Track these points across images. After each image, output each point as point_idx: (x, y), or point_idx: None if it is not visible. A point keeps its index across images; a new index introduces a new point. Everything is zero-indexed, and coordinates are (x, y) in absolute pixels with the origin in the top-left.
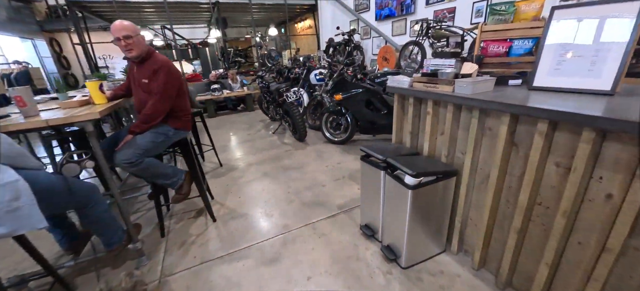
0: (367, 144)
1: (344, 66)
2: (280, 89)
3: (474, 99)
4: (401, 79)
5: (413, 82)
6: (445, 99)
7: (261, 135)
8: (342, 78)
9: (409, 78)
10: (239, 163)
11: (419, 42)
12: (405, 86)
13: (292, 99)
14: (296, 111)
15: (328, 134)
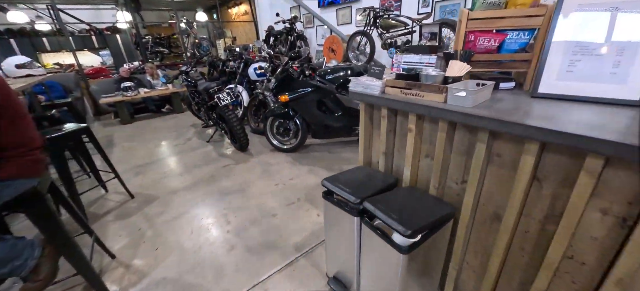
0: (327, 163)
1: (289, 60)
2: (209, 88)
3: (480, 117)
4: (368, 82)
5: (386, 87)
6: (435, 114)
7: (192, 145)
8: (288, 75)
9: (379, 82)
10: (159, 191)
11: (366, 32)
12: (374, 93)
13: (227, 101)
14: (233, 116)
15: (275, 141)
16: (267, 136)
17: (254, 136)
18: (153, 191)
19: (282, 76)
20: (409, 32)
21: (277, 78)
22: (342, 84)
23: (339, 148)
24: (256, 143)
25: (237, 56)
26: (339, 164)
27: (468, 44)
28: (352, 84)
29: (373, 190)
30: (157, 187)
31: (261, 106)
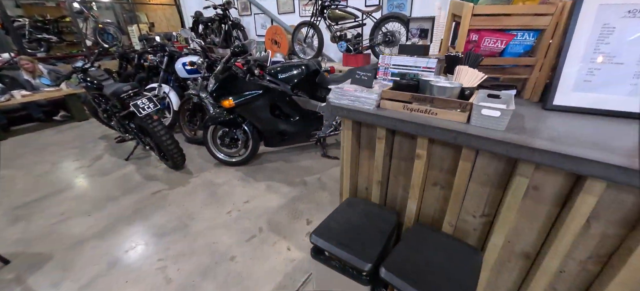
0: (286, 175)
1: (232, 56)
2: (121, 92)
3: (530, 148)
4: (358, 94)
5: (383, 100)
6: (460, 140)
7: (104, 167)
8: (231, 74)
9: (374, 95)
10: (54, 245)
11: (313, 23)
12: (368, 108)
13: (148, 109)
14: (159, 128)
15: (220, 154)
16: (209, 148)
17: (190, 147)
18: (43, 246)
19: (223, 76)
20: (358, 25)
21: (218, 79)
22: (297, 85)
23: (295, 155)
24: (194, 157)
25: (158, 48)
26: (300, 175)
27: (468, 45)
28: (334, 96)
29: (379, 240)
30: (50, 239)
31: (197, 110)
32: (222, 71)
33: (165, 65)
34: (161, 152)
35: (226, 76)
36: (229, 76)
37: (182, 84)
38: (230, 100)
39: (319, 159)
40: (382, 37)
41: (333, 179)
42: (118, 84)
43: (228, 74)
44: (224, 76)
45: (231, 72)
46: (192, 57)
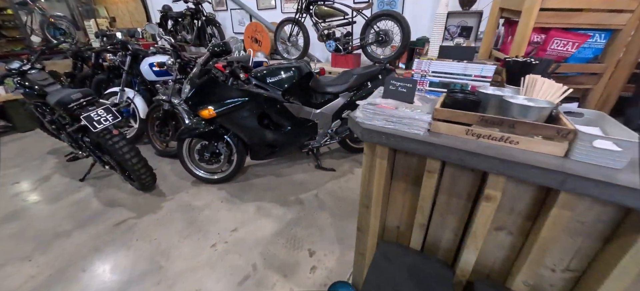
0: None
1: (211, 56)
2: (69, 102)
3: None
4: (401, 114)
5: (435, 121)
6: (554, 182)
7: (53, 191)
8: (211, 78)
9: (426, 116)
10: None
11: (298, 20)
12: (417, 133)
13: (106, 123)
14: (121, 145)
15: (199, 171)
16: (185, 164)
17: (162, 161)
18: None
19: (201, 80)
20: (348, 23)
21: (194, 84)
22: (288, 90)
23: (286, 167)
24: (167, 173)
25: (119, 46)
26: (294, 192)
27: (529, 47)
28: (364, 115)
29: None
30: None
31: (169, 118)
32: (199, 75)
33: (129, 66)
34: (125, 171)
35: (204, 80)
36: (207, 80)
37: (149, 88)
38: (210, 109)
39: (312, 171)
40: (375, 37)
41: (332, 195)
42: (66, 90)
43: (207, 78)
44: (201, 80)
45: (210, 76)
46: (161, 56)
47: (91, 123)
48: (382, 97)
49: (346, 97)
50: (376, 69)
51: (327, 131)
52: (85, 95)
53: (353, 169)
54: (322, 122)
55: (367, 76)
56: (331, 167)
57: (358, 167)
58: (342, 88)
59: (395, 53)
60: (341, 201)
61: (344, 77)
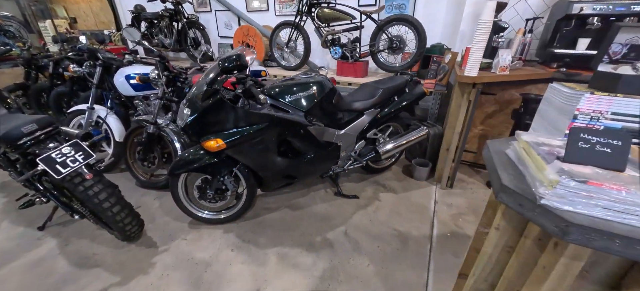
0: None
1: (220, 72)
2: (20, 137)
3: None
4: None
5: None
6: None
7: (1, 247)
8: (219, 101)
9: None
10: None
11: (298, 24)
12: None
13: (75, 165)
14: (99, 193)
15: (202, 212)
16: (181, 204)
17: (147, 194)
18: None
19: (205, 104)
20: (356, 27)
21: (196, 108)
22: (311, 110)
23: (299, 195)
24: (156, 212)
25: (86, 54)
26: (319, 230)
27: None
28: (561, 200)
29: None
30: None
31: (154, 142)
32: (203, 96)
33: (99, 78)
34: (100, 220)
35: (211, 103)
36: (215, 103)
37: (126, 104)
38: (218, 141)
39: (332, 200)
40: (388, 43)
41: (365, 232)
42: (14, 118)
43: (214, 100)
44: (206, 103)
45: (219, 98)
46: (140, 67)
47: (53, 168)
48: (563, 160)
49: (372, 115)
50: (403, 81)
51: (350, 153)
52: (43, 126)
53: (378, 195)
54: (345, 144)
55: (394, 90)
56: (353, 193)
57: (383, 191)
58: (368, 104)
59: (410, 61)
60: (377, 240)
61: (369, 92)
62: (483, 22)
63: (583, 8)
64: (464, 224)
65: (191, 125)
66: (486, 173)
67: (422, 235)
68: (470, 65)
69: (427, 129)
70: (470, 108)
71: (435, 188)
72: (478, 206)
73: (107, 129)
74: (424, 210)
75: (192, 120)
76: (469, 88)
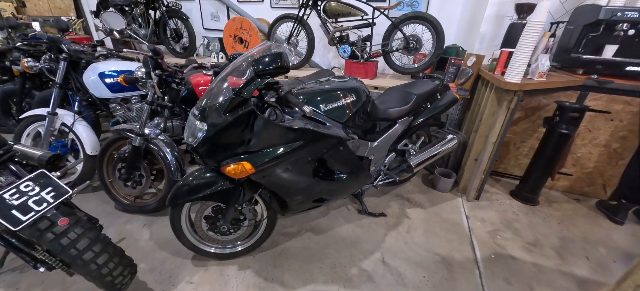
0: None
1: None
2: None
3: None
4: None
5: None
6: None
7: None
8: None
9: None
10: None
11: (301, 18)
12: None
13: (42, 208)
14: (74, 241)
15: (212, 247)
16: (186, 239)
17: (132, 221)
18: None
19: (231, 118)
20: (367, 24)
21: (215, 123)
22: (347, 121)
23: (318, 214)
24: (146, 245)
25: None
26: (351, 259)
27: None
28: None
29: None
30: None
31: (139, 156)
32: (228, 106)
33: (63, 76)
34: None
35: (238, 117)
36: (243, 117)
37: (96, 106)
38: (244, 165)
39: (357, 218)
40: (404, 43)
41: (404, 259)
42: None
43: (243, 112)
44: (233, 116)
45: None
46: (118, 63)
47: (6, 215)
48: None
49: (405, 124)
50: (433, 87)
51: (379, 167)
52: None
53: (405, 211)
54: (376, 157)
55: (426, 96)
56: (379, 211)
57: (409, 206)
58: (402, 112)
59: (425, 62)
60: (421, 268)
61: (401, 98)
62: (534, 24)
63: (617, 13)
64: (504, 243)
65: (207, 143)
66: (507, 181)
67: (466, 259)
68: (513, 70)
69: (456, 138)
70: (508, 117)
71: (461, 200)
72: (510, 219)
73: (75, 139)
74: (458, 228)
75: (209, 137)
76: (510, 95)
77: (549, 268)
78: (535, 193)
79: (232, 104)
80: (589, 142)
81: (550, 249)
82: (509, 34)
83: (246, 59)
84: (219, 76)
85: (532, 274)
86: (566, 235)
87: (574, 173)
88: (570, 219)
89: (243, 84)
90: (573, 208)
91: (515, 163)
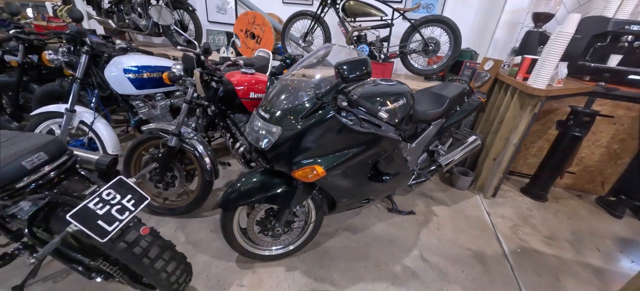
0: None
1: (337, 86)
2: (21, 175)
3: None
4: None
5: None
6: None
7: None
8: (330, 119)
9: None
10: None
11: (319, 16)
12: None
13: (125, 217)
14: (147, 249)
15: (265, 250)
16: (236, 243)
17: (164, 223)
18: None
19: (311, 121)
20: (386, 25)
21: (290, 125)
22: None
23: (352, 214)
24: (187, 251)
25: (65, 38)
26: (392, 256)
27: None
28: None
29: None
30: None
31: (171, 157)
32: (308, 111)
33: (84, 71)
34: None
35: (320, 119)
36: (321, 120)
37: (114, 102)
38: (317, 168)
39: (388, 217)
40: (422, 45)
41: (441, 255)
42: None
43: (325, 116)
44: (312, 120)
45: (333, 115)
46: (140, 57)
47: (94, 227)
48: None
49: (438, 126)
50: (461, 90)
51: (413, 168)
52: (54, 154)
53: (431, 209)
54: (413, 158)
55: (457, 99)
56: (410, 210)
57: (433, 204)
58: (437, 114)
59: (441, 65)
60: (459, 264)
61: (435, 100)
62: (563, 34)
63: (624, 26)
64: (526, 238)
65: (279, 147)
66: (516, 179)
67: (496, 253)
68: (539, 77)
69: (479, 139)
70: (531, 120)
71: (479, 198)
72: (526, 215)
73: (94, 137)
74: (483, 224)
75: (283, 141)
76: (535, 100)
77: (568, 259)
78: (545, 191)
79: (313, 109)
80: (593, 143)
81: (565, 242)
82: (525, 41)
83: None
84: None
85: (556, 266)
86: (576, 229)
87: (576, 172)
88: (577, 215)
89: (328, 89)
90: (577, 204)
91: (524, 162)
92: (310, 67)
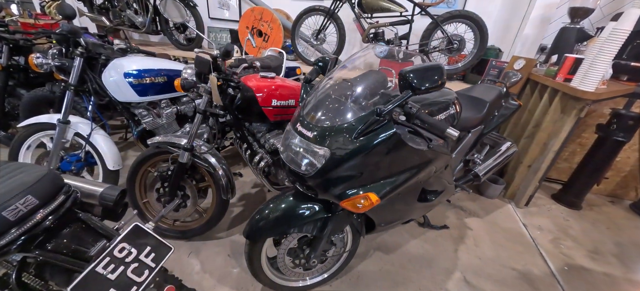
0: None
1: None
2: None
3: None
4: None
5: None
6: None
7: None
8: (391, 137)
9: None
10: None
11: (333, 12)
12: None
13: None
14: None
15: (299, 281)
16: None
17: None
18: None
19: (370, 141)
20: (406, 21)
21: (343, 146)
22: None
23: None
24: (203, 281)
25: (56, 36)
26: (435, 282)
27: None
28: None
29: None
30: None
31: (182, 173)
32: (364, 129)
33: (78, 76)
34: None
35: (381, 141)
36: (384, 141)
37: (111, 109)
38: (371, 196)
39: (420, 232)
40: (446, 43)
41: (485, 277)
42: None
43: (385, 136)
44: (372, 141)
45: (395, 132)
46: (143, 59)
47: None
48: None
49: (477, 133)
50: (498, 93)
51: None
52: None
53: (464, 221)
54: (452, 168)
55: (495, 103)
56: (443, 224)
57: (466, 216)
58: (478, 121)
59: (465, 64)
60: (506, 287)
61: (474, 105)
62: (619, 32)
63: None
64: (570, 253)
65: (326, 173)
66: (545, 184)
67: (544, 273)
68: (587, 78)
69: (514, 146)
70: (574, 125)
71: (511, 207)
72: (563, 226)
73: (92, 151)
74: (522, 238)
75: (332, 166)
76: (581, 104)
77: (618, 277)
78: (579, 198)
79: (369, 126)
80: (629, 147)
81: (611, 256)
82: (560, 38)
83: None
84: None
85: (607, 285)
86: (618, 240)
87: (609, 176)
88: (615, 224)
89: (395, 101)
90: (611, 211)
91: (554, 167)
92: (353, 72)
